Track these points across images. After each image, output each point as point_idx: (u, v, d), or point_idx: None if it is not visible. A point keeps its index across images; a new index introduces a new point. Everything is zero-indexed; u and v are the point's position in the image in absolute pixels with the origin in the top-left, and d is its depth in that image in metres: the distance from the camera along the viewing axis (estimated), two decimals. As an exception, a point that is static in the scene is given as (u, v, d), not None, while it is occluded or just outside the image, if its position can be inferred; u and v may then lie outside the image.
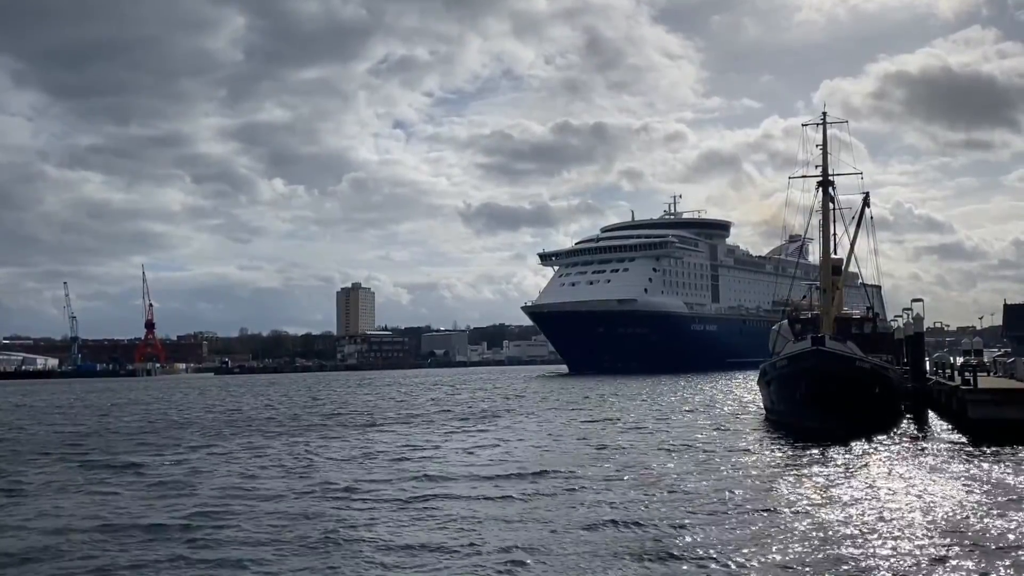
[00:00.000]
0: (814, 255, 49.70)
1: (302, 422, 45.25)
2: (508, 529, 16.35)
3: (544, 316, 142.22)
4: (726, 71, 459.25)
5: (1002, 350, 66.61)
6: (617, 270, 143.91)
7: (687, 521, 16.36)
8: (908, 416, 37.81)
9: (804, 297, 48.25)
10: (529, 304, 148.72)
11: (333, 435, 37.00)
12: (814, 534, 15.02)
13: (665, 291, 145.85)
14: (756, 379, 44.24)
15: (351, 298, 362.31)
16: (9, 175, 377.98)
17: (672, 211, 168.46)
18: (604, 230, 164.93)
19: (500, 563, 13.86)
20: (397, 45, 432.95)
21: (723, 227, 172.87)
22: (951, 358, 44.36)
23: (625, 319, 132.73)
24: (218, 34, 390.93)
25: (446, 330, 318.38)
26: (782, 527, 15.65)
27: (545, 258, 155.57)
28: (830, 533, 15.06)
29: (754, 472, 22.89)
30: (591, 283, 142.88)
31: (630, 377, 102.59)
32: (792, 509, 17.42)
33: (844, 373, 32.94)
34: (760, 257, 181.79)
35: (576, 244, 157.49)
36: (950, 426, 33.10)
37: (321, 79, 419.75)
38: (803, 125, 45.68)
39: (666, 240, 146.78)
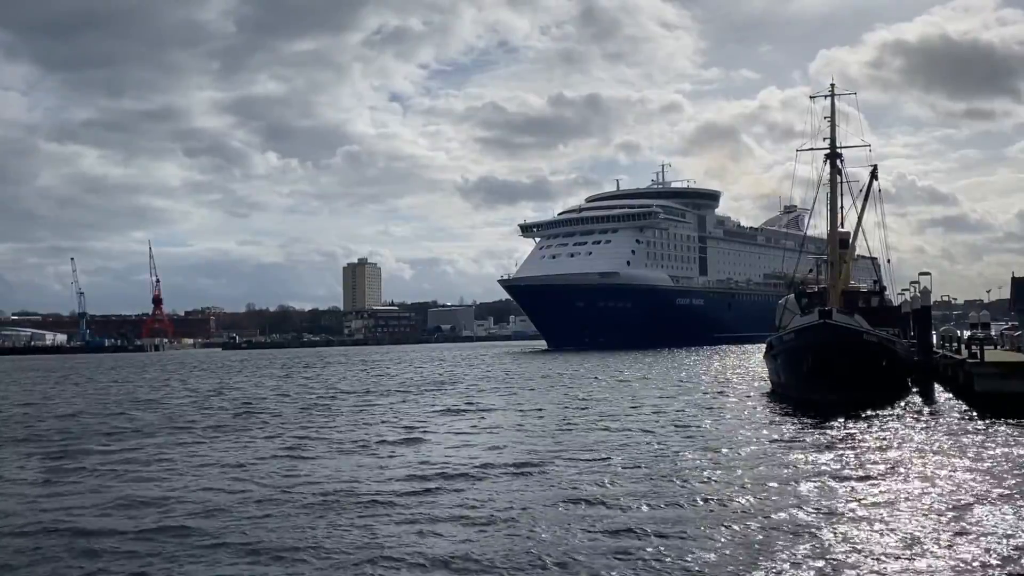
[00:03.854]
0: (817, 228, 51.71)
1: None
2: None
3: (522, 290, 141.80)
4: (725, 41, 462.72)
5: (1009, 323, 69.24)
6: (599, 242, 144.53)
7: (688, 497, 17.37)
8: (915, 389, 39.80)
9: (811, 271, 50.25)
10: (506, 277, 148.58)
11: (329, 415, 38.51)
12: (821, 510, 16.11)
13: (649, 263, 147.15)
14: (763, 353, 46.18)
15: (357, 274, 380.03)
16: (5, 149, 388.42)
17: (660, 180, 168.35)
18: (589, 200, 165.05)
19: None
20: (390, 15, 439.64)
21: (712, 197, 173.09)
22: (958, 331, 46.69)
23: (607, 293, 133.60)
24: (208, 4, 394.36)
25: (452, 305, 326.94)
26: (787, 502, 16.74)
27: (526, 229, 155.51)
28: (837, 508, 16.24)
29: (759, 447, 24.21)
30: (572, 255, 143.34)
31: (612, 353, 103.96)
32: (798, 484, 18.53)
33: (851, 346, 34.82)
34: (752, 228, 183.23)
35: (559, 215, 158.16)
36: (957, 399, 35.04)
37: (315, 51, 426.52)
38: (811, 97, 47.42)
39: (650, 211, 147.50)
